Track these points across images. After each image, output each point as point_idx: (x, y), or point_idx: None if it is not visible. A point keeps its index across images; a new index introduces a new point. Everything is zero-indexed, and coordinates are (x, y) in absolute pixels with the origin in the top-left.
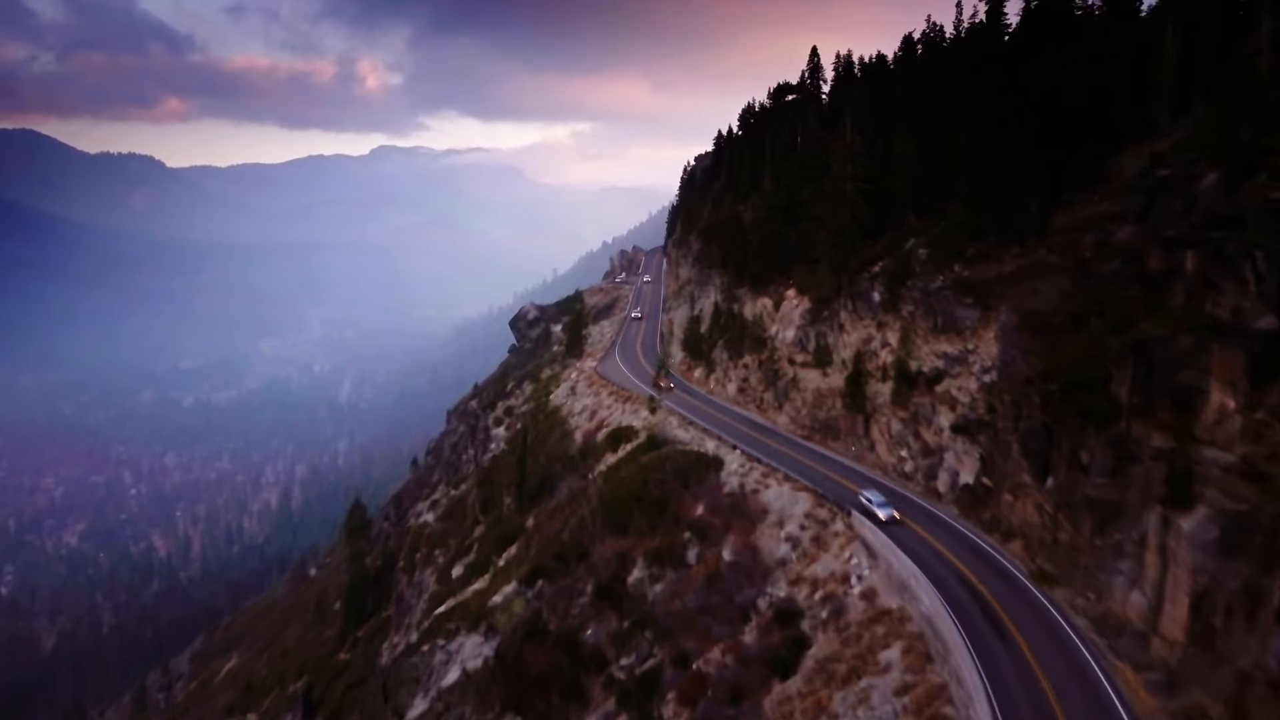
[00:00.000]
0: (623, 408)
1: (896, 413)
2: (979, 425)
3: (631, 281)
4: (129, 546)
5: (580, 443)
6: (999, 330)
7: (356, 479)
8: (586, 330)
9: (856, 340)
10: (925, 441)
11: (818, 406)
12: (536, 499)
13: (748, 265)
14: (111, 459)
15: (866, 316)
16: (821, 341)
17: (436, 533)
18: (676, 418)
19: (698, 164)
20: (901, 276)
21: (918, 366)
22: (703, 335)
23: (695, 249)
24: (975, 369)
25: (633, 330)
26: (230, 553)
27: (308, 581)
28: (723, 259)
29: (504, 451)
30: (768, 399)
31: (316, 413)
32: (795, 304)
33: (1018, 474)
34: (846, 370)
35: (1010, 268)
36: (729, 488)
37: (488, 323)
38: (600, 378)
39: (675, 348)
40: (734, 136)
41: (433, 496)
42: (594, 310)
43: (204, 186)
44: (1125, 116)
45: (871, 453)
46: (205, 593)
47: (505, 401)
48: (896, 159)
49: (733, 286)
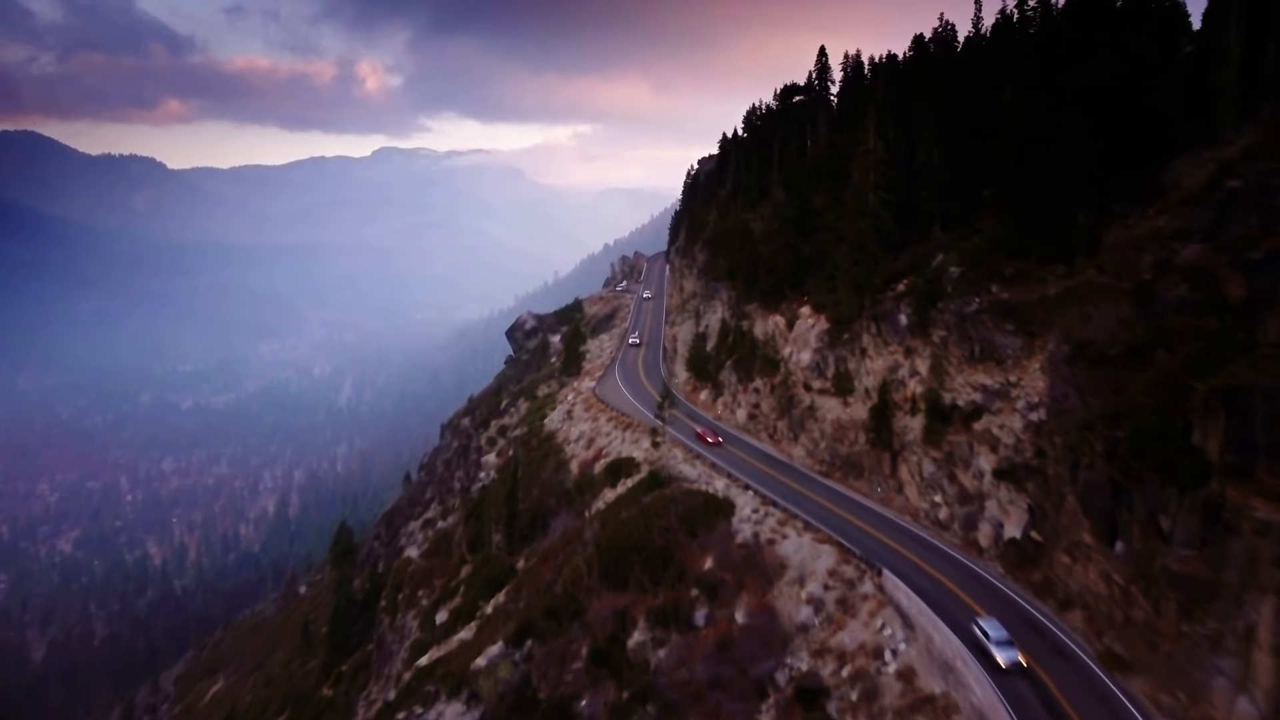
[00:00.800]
0: (622, 436)
1: (929, 452)
2: (1026, 471)
3: (632, 290)
4: (124, 554)
5: (576, 474)
6: (1046, 361)
7: (355, 485)
8: (585, 347)
9: (881, 367)
10: (963, 486)
11: (838, 440)
12: (528, 538)
13: (758, 279)
14: (108, 464)
15: (892, 341)
16: (841, 367)
17: (421, 570)
18: (681, 450)
19: (701, 167)
20: (932, 297)
21: (952, 399)
22: (709, 354)
23: (701, 260)
24: (1019, 405)
25: (640, 328)
26: (226, 561)
27: (297, 600)
28: (730, 272)
29: (494, 482)
30: (781, 428)
31: (316, 416)
32: (811, 323)
33: (1075, 531)
34: (870, 400)
35: (1055, 290)
36: (742, 537)
37: (488, 325)
38: (598, 401)
39: (679, 366)
40: (739, 140)
41: (425, 515)
42: (594, 320)
43: (205, 188)
44: (1180, 121)
45: (900, 495)
46: (199, 602)
47: (499, 420)
48: (919, 166)
49: (741, 302)
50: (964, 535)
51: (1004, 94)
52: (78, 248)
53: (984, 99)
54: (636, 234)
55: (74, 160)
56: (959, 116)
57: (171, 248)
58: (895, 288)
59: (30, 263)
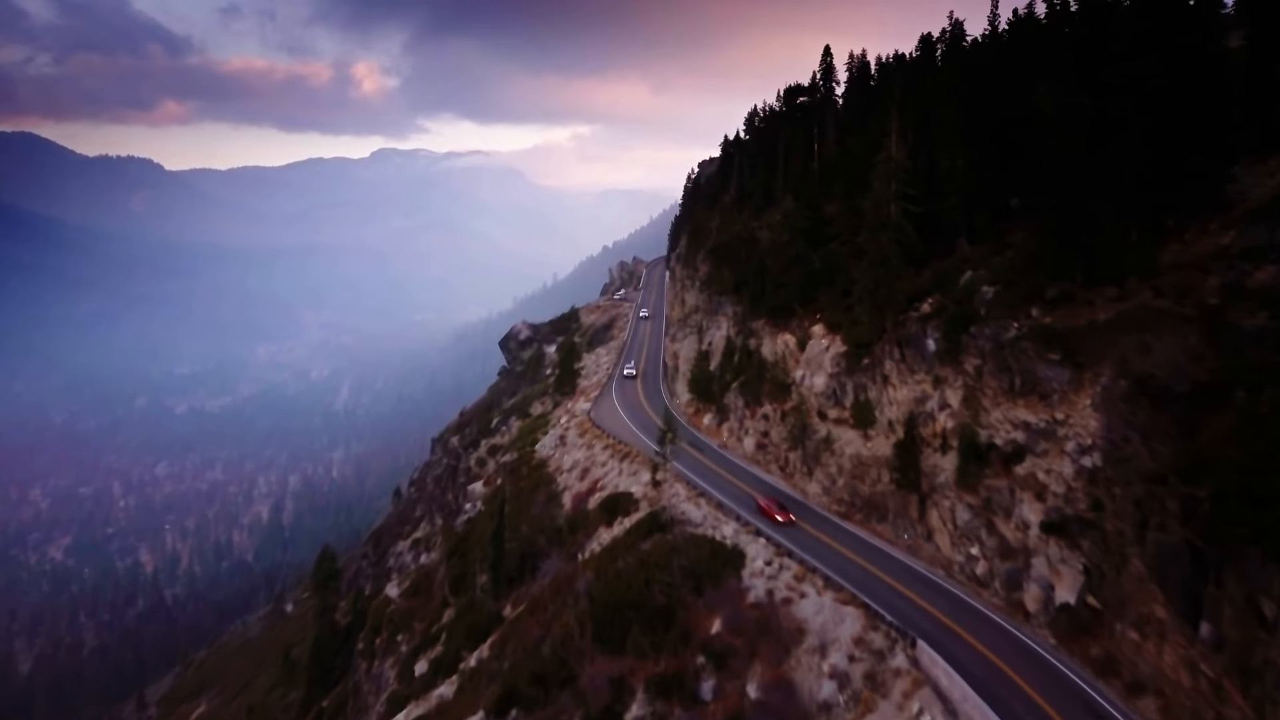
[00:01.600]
0: (620, 467)
1: (963, 496)
2: (1080, 525)
3: (631, 299)
4: (115, 561)
5: (569, 509)
6: (1099, 398)
7: (350, 491)
8: (581, 363)
9: (906, 398)
10: (1004, 538)
11: (858, 477)
12: (516, 581)
13: (765, 294)
14: (101, 469)
15: (919, 369)
16: (861, 395)
17: (400, 612)
18: (684, 485)
19: (702, 170)
20: (963, 320)
21: (989, 437)
22: (713, 374)
23: (703, 272)
24: (1069, 447)
25: (633, 361)
26: (219, 569)
27: (283, 619)
28: (735, 285)
29: (480, 515)
30: (794, 461)
31: (312, 420)
32: (824, 344)
33: (1145, 603)
34: (894, 435)
35: (1106, 314)
36: (754, 595)
37: (487, 328)
38: (594, 426)
39: (681, 385)
40: (742, 143)
41: (414, 534)
42: (591, 330)
43: (203, 189)
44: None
45: (929, 543)
46: (190, 613)
47: (489, 440)
48: (942, 174)
49: (747, 317)
50: (1006, 595)
51: (1037, 94)
52: (75, 249)
53: (1013, 100)
54: (636, 236)
55: (71, 161)
56: (985, 119)
57: (169, 249)
58: (919, 308)
59: (27, 264)
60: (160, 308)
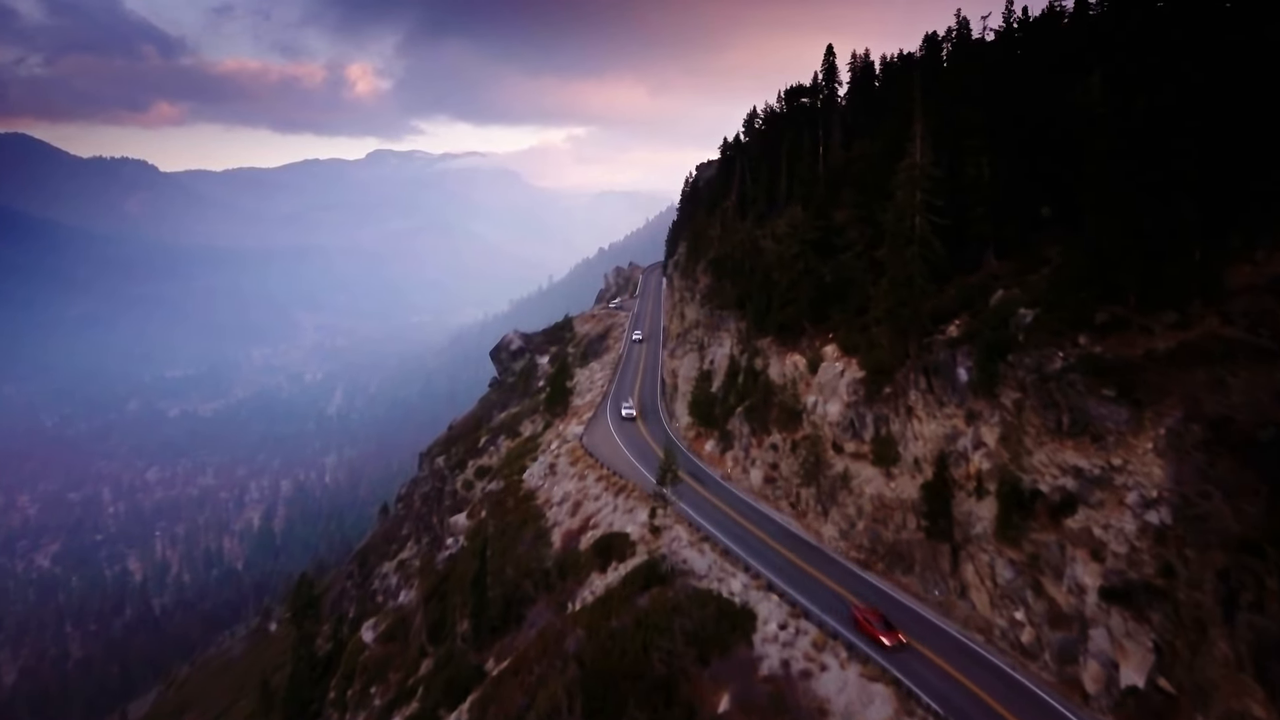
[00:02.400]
0: (614, 502)
1: (1004, 551)
2: (1148, 593)
3: (627, 307)
4: (103, 569)
5: (559, 548)
6: (1165, 442)
7: (343, 498)
8: (573, 380)
9: (935, 433)
10: (1054, 603)
11: (880, 521)
12: (499, 630)
13: (772, 310)
14: (91, 474)
15: (949, 401)
16: (882, 428)
17: (375, 659)
18: (685, 527)
19: (701, 173)
20: (1000, 348)
21: (1033, 483)
22: (715, 396)
23: (704, 284)
24: (1130, 499)
25: (628, 379)
26: (208, 577)
27: (266, 639)
28: (739, 299)
29: (462, 553)
30: (807, 498)
31: (305, 425)
32: (839, 368)
33: (1235, 695)
34: (922, 475)
35: (1167, 344)
36: (767, 666)
37: (482, 330)
38: (586, 453)
39: (680, 406)
40: (744, 145)
41: (400, 554)
42: (585, 341)
43: (198, 190)
44: None
45: (963, 601)
46: (178, 623)
47: (477, 460)
48: (968, 182)
49: (752, 335)
50: (1059, 670)
51: (1075, 93)
52: (71, 251)
53: (1043, 101)
54: (632, 238)
55: (66, 163)
56: (1015, 122)
57: (164, 251)
58: (945, 330)
59: (21, 266)
60: (155, 310)
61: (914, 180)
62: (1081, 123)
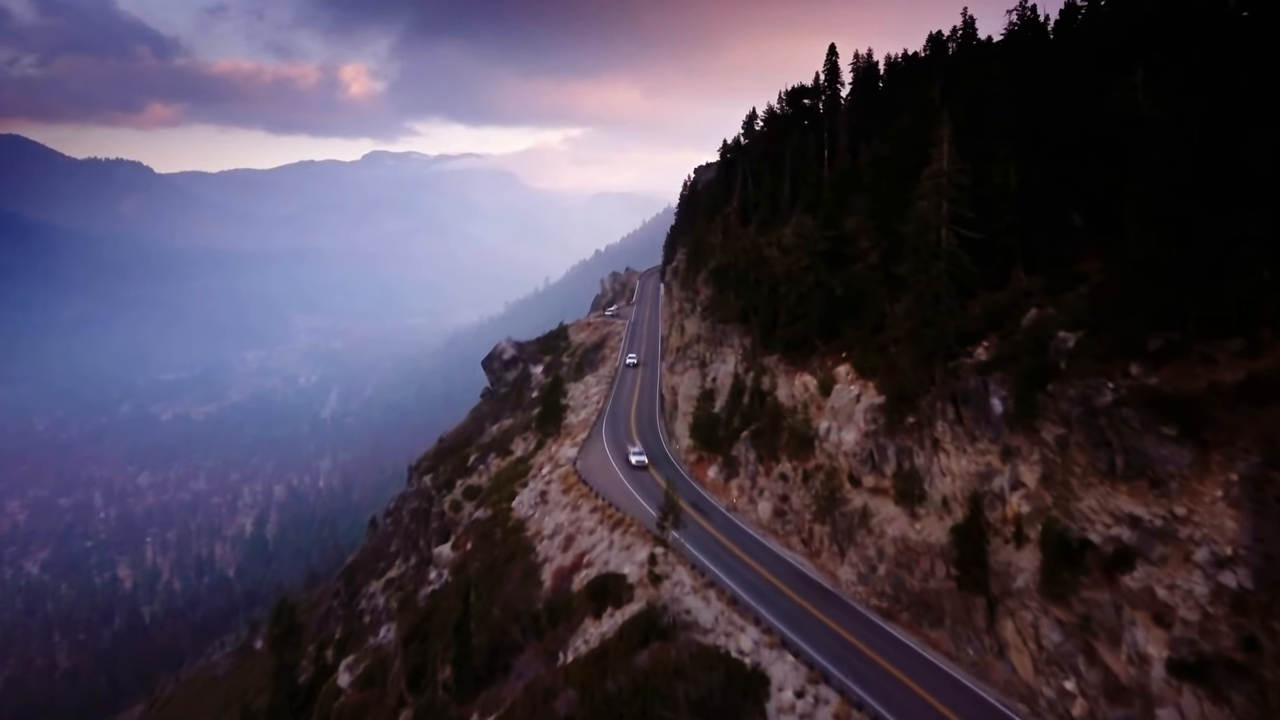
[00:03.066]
0: (610, 537)
1: (1050, 609)
2: (1227, 670)
3: (624, 314)
4: (93, 577)
5: (550, 588)
6: (1240, 491)
7: (336, 503)
8: (566, 398)
9: (966, 470)
10: (1111, 673)
11: (904, 566)
12: (484, 680)
13: (779, 326)
14: (83, 479)
15: (981, 435)
16: (905, 462)
17: (350, 709)
18: (688, 570)
19: (699, 176)
20: (1039, 376)
21: (1083, 531)
22: (718, 417)
23: (705, 296)
24: (1199, 556)
25: (625, 395)
26: (199, 585)
27: (251, 658)
28: (742, 312)
29: (446, 589)
30: (820, 535)
31: (300, 428)
32: (854, 391)
33: None
34: (951, 516)
35: (1234, 375)
36: None
37: (478, 333)
38: (580, 481)
39: (681, 426)
40: (744, 148)
41: (388, 573)
42: (580, 351)
43: (194, 192)
44: None
45: (1002, 662)
46: (167, 633)
47: (465, 480)
48: (993, 190)
49: (757, 352)
50: None
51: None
52: (65, 253)
53: (1077, 101)
54: (629, 239)
55: (60, 164)
56: (1044, 124)
57: (160, 253)
58: (973, 352)
59: (16, 268)
60: (149, 312)
61: (940, 189)
62: (1122, 125)
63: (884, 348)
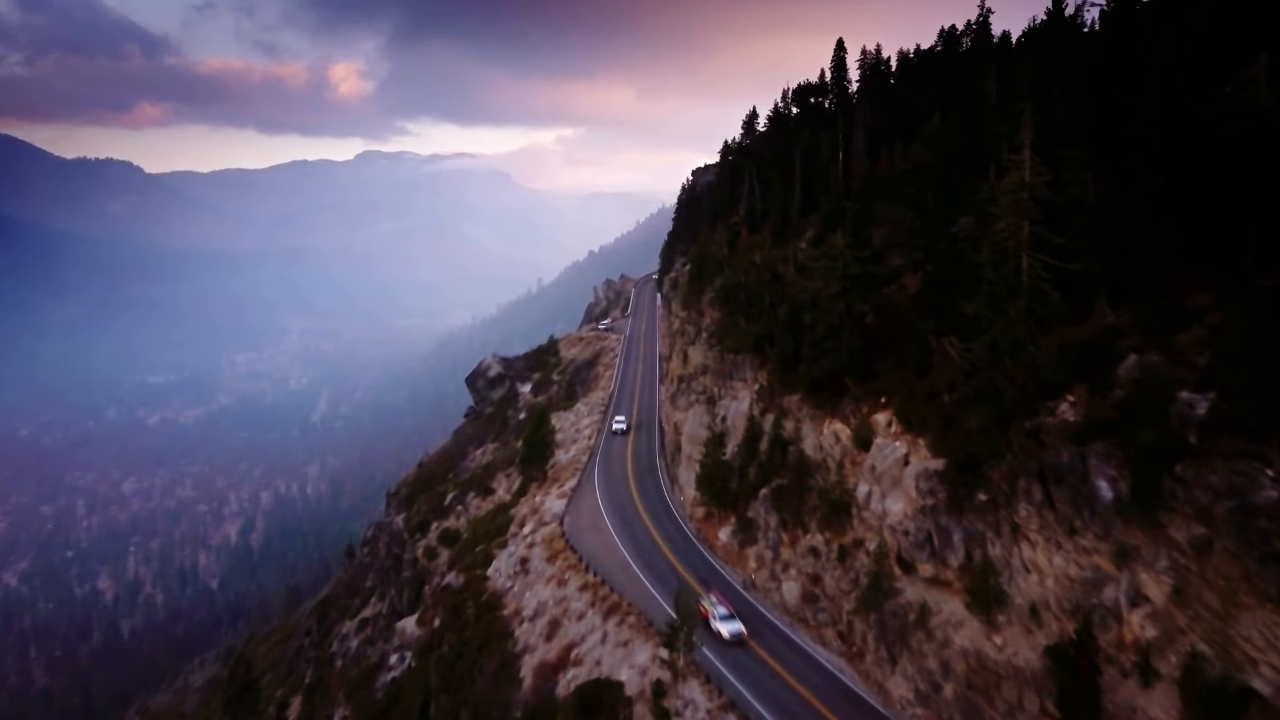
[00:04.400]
0: (603, 628)
1: None
2: None
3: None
4: (73, 588)
5: (529, 688)
6: None
7: (324, 511)
8: (554, 431)
9: (1063, 572)
10: None
11: (980, 689)
12: None
13: (802, 360)
14: (66, 486)
15: (1084, 526)
16: (975, 550)
17: None
18: (701, 685)
19: (698, 179)
20: (1162, 454)
21: (1242, 675)
22: (729, 466)
23: (711, 320)
24: None
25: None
26: (182, 597)
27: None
28: (756, 341)
29: (409, 674)
30: (863, 632)
31: (289, 432)
32: (900, 450)
33: None
34: (1044, 630)
35: None
36: None
37: (470, 334)
38: (568, 547)
39: (684, 472)
40: (750, 150)
41: (362, 612)
42: (571, 369)
43: (185, 192)
44: None
45: None
46: (146, 650)
47: (442, 522)
48: (1069, 204)
49: (776, 390)
50: None
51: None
52: (57, 254)
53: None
54: (623, 240)
55: (50, 164)
56: (1127, 126)
57: (152, 254)
58: (1055, 408)
59: (6, 269)
60: (140, 313)
61: (1022, 207)
62: (1239, 123)
63: (934, 395)
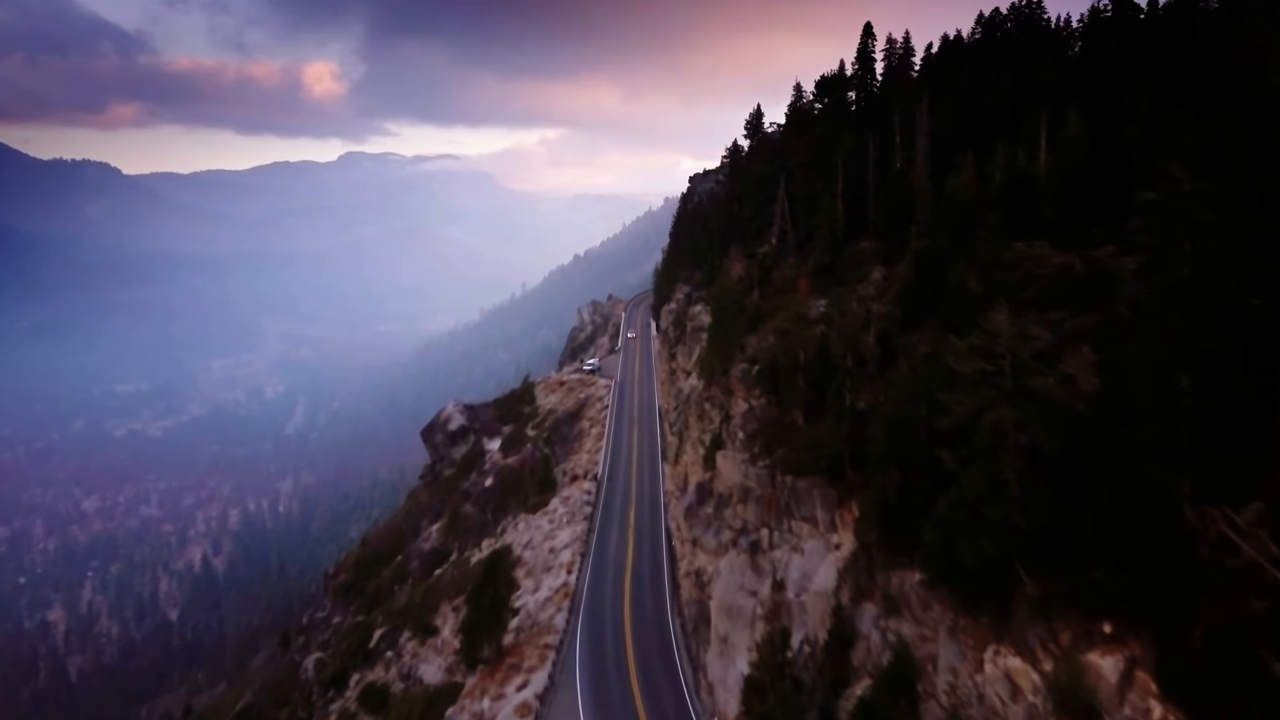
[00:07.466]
0: None
1: None
2: None
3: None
4: (23, 620)
5: None
6: None
7: (294, 533)
8: (515, 587)
9: None
10: None
11: None
12: None
13: (929, 528)
14: (23, 505)
15: None
16: None
17: None
18: None
19: (695, 186)
20: None
21: None
22: (800, 685)
23: (749, 408)
24: None
25: (613, 558)
26: (139, 628)
27: None
28: (833, 463)
29: None
30: None
31: (262, 445)
32: None
33: None
34: None
35: None
36: None
37: (452, 340)
38: None
39: (717, 662)
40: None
41: None
42: (550, 422)
43: (164, 194)
44: None
45: None
46: (94, 693)
47: (368, 672)
48: None
49: (878, 561)
50: None
51: None
52: (34, 258)
53: None
54: (609, 244)
55: (24, 165)
56: None
57: (132, 256)
58: None
59: None
60: (115, 318)
61: None
62: None
63: (1225, 645)
